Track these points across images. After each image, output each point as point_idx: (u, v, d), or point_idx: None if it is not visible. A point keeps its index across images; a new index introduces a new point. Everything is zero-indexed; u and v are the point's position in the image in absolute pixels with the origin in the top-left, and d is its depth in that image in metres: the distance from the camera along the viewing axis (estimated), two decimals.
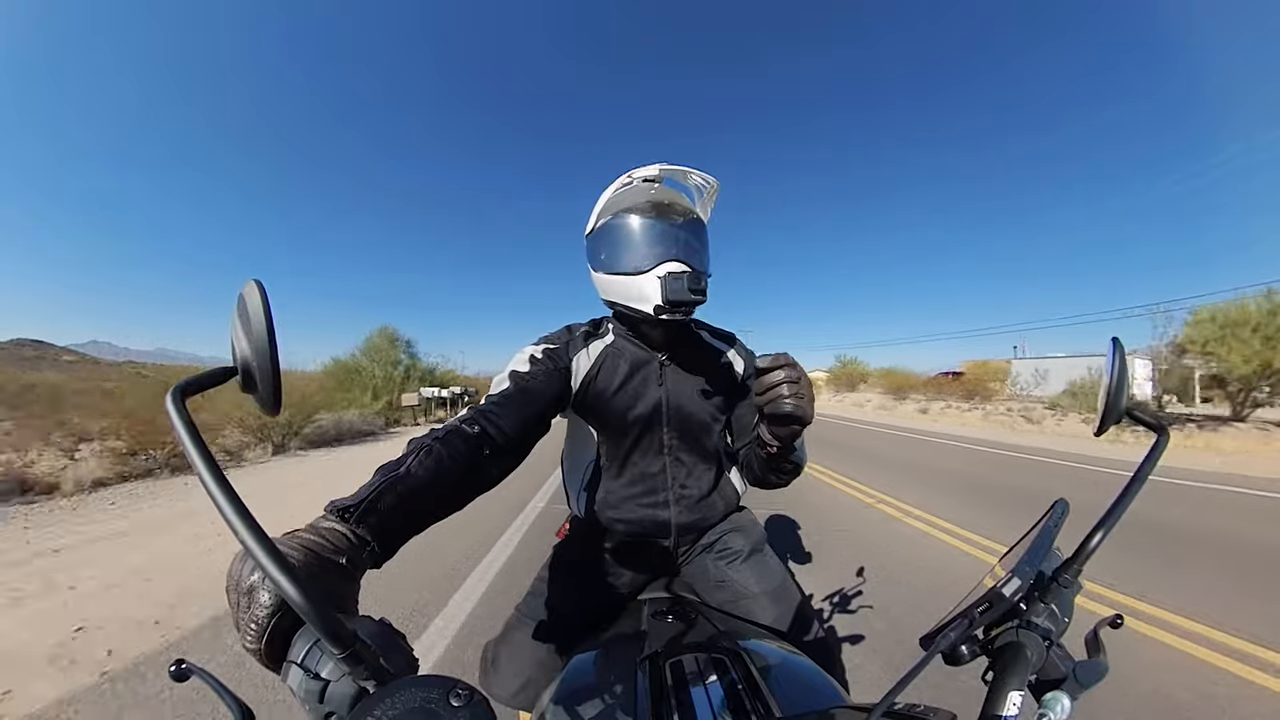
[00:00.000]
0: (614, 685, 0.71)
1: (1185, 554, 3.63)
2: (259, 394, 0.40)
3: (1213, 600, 2.84)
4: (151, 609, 2.92)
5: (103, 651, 2.45)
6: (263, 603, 0.41)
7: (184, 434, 0.35)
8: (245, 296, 0.40)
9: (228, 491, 0.34)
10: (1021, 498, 5.46)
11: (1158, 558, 3.54)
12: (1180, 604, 2.79)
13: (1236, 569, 3.33)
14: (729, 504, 1.17)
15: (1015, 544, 0.62)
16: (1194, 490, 5.83)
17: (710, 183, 1.06)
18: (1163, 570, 3.32)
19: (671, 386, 1.07)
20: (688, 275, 0.91)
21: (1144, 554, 3.59)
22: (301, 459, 9.34)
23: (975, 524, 4.40)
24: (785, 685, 0.68)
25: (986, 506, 5.13)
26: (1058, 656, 0.51)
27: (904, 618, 2.62)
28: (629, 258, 0.97)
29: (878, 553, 3.74)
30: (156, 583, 3.30)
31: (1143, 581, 3.08)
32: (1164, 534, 4.06)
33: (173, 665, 0.46)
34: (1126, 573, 3.18)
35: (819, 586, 2.73)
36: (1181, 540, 3.93)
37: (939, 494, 5.73)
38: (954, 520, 4.52)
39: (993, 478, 6.76)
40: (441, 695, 0.33)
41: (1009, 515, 4.68)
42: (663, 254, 0.95)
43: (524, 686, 0.88)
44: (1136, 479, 0.57)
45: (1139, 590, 2.96)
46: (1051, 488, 5.93)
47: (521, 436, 0.87)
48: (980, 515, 4.70)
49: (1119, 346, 0.64)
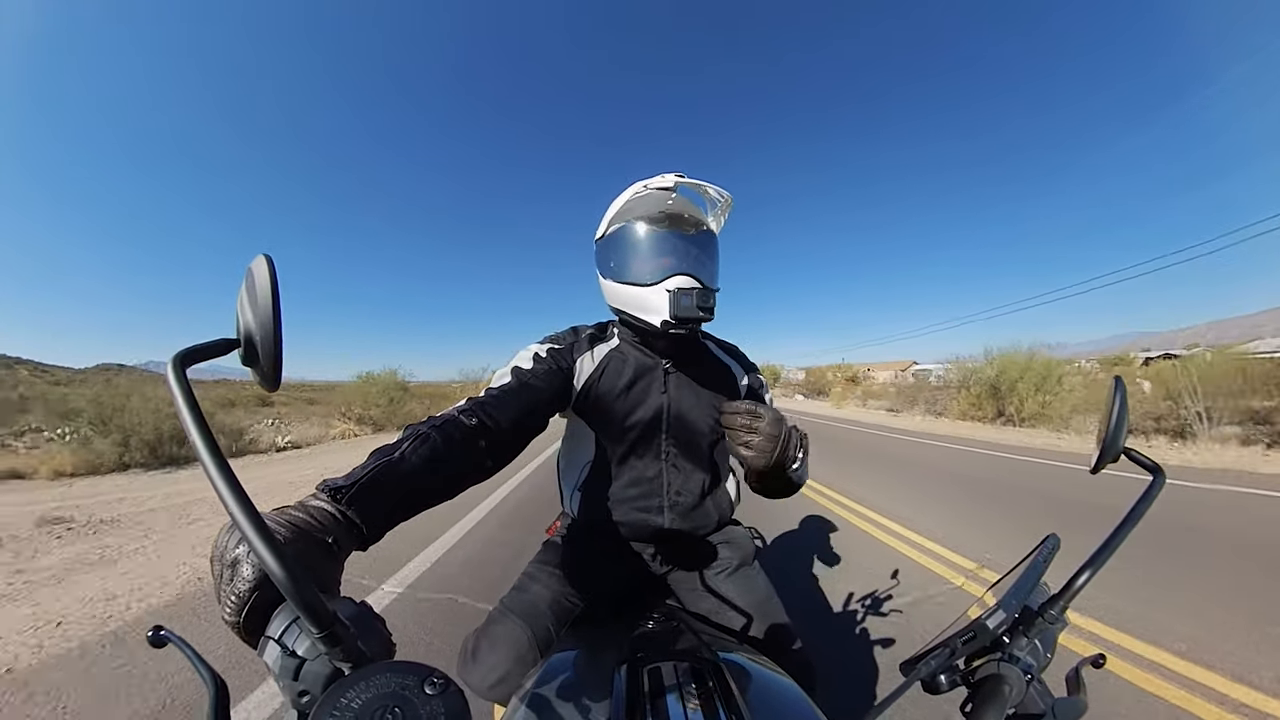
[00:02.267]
0: (591, 687, 0.70)
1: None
2: (259, 367, 0.40)
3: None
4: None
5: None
6: (245, 576, 0.41)
7: (182, 402, 0.35)
8: (254, 270, 0.40)
9: (220, 462, 0.34)
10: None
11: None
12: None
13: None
14: (722, 513, 1.18)
15: (1004, 575, 0.62)
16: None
17: (725, 197, 1.06)
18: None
19: (674, 394, 1.08)
20: (697, 292, 0.92)
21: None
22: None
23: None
24: (762, 701, 0.67)
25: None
26: (1038, 692, 0.51)
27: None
28: (638, 268, 0.97)
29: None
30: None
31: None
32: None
33: (150, 631, 0.46)
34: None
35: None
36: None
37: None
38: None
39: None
40: (416, 682, 0.33)
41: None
42: (673, 267, 0.94)
43: (501, 680, 0.87)
44: (1129, 519, 0.57)
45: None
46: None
47: (518, 431, 0.87)
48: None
49: (1121, 387, 0.64)
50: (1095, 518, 4.08)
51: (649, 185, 1.04)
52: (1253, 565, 3.10)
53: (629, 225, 0.99)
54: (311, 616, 0.34)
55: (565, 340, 1.08)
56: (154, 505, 5.19)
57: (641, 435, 1.08)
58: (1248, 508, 4.52)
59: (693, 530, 1.13)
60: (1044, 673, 0.53)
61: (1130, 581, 2.85)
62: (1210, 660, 2.08)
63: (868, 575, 3.07)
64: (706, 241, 1.00)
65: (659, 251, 0.96)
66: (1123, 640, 2.26)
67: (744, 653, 0.84)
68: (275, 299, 0.39)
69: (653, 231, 0.97)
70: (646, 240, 0.97)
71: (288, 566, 0.33)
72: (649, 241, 0.97)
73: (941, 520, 4.25)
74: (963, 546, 3.55)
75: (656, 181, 1.03)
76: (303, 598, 0.33)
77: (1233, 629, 2.33)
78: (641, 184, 1.05)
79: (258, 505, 0.35)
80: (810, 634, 1.07)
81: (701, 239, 0.99)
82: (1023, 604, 0.52)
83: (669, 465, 1.10)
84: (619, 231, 1.01)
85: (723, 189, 1.06)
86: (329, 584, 0.49)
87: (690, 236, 0.98)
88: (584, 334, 1.11)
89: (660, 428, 1.08)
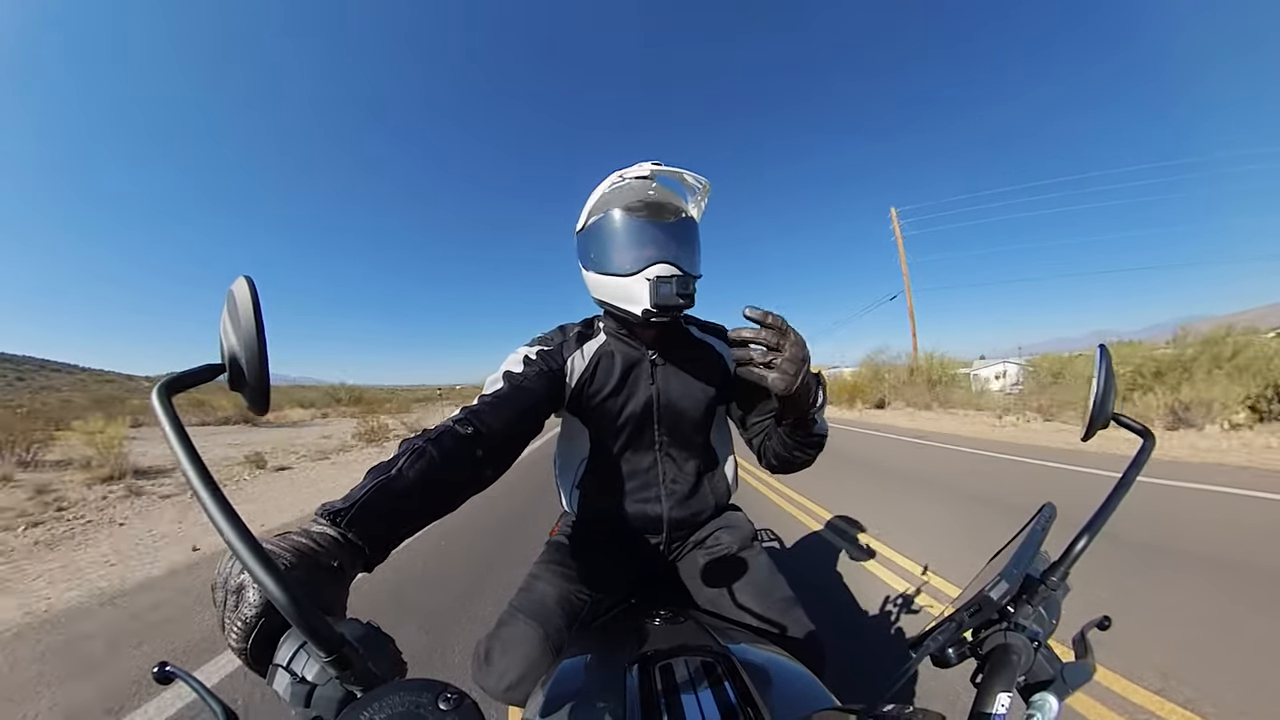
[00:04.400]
0: (604, 687, 0.71)
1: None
2: (247, 391, 0.39)
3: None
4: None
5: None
6: (251, 602, 0.41)
7: (170, 431, 0.34)
8: (235, 292, 0.39)
9: (213, 490, 0.33)
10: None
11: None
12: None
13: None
14: (720, 499, 1.19)
15: (1003, 547, 0.62)
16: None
17: (702, 183, 1.06)
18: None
19: (662, 384, 1.08)
20: (676, 279, 0.92)
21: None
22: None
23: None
24: (775, 689, 0.68)
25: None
26: (1045, 658, 0.51)
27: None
28: (619, 258, 0.97)
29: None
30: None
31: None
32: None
33: (155, 667, 0.45)
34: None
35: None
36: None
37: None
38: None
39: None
40: (430, 699, 0.33)
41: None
42: (652, 256, 0.94)
43: (516, 683, 0.87)
44: (1123, 484, 0.58)
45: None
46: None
47: (514, 436, 0.87)
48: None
49: (1106, 354, 0.65)
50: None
51: (625, 175, 1.03)
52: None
53: (608, 216, 0.99)
54: (318, 640, 0.33)
55: (554, 340, 1.08)
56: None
57: (635, 428, 1.08)
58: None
59: (693, 517, 1.13)
60: (1050, 638, 0.54)
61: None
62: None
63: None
64: (686, 229, 1.00)
65: (638, 241, 0.96)
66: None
67: (752, 642, 0.84)
68: (259, 320, 0.39)
69: (631, 221, 0.97)
70: (625, 230, 0.97)
71: (291, 591, 0.33)
72: (628, 231, 0.97)
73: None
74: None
75: (633, 171, 1.03)
76: (308, 622, 0.33)
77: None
78: (618, 174, 1.04)
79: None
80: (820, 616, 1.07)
81: (681, 227, 0.99)
82: (1024, 573, 0.53)
83: (663, 455, 1.11)
84: (598, 222, 1.01)
85: (700, 175, 1.05)
86: (335, 607, 0.48)
87: (669, 225, 0.98)
88: (571, 332, 1.11)
89: (652, 418, 1.08)
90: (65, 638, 2.66)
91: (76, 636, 2.67)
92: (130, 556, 4.12)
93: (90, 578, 3.62)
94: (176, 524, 5.14)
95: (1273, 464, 5.52)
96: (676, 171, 1.03)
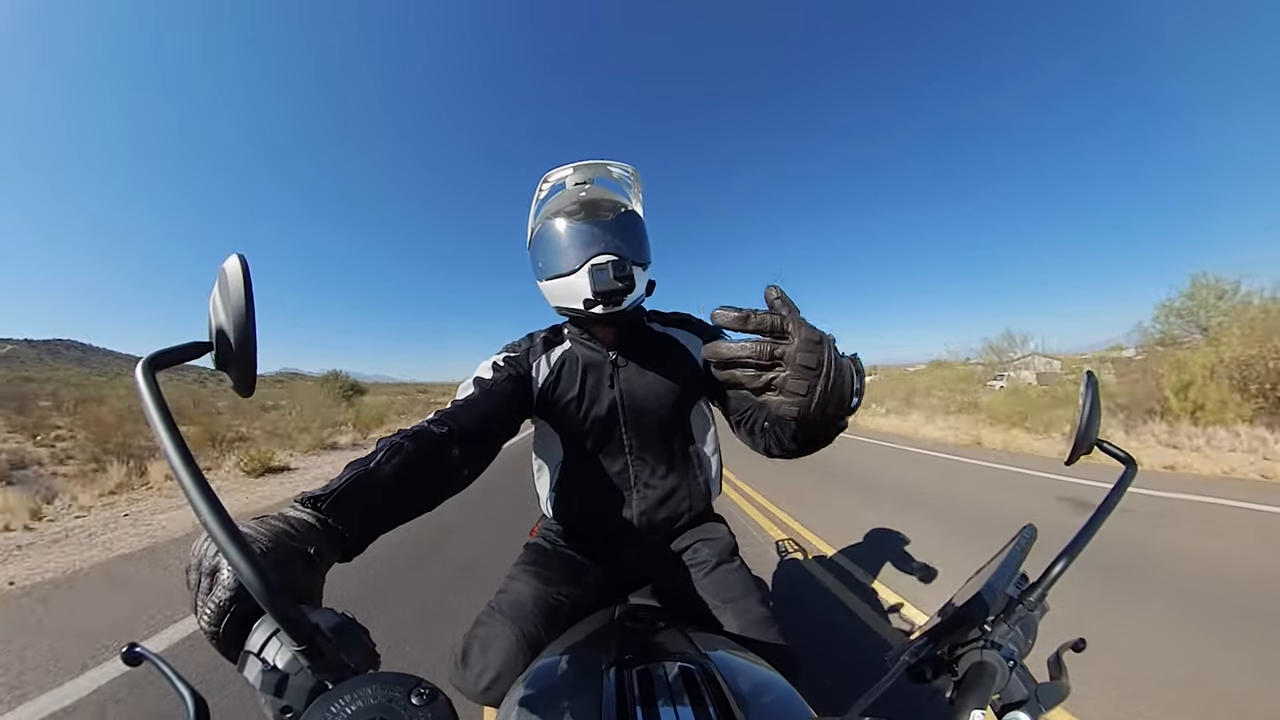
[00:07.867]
0: (580, 690, 0.70)
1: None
2: (233, 371, 0.39)
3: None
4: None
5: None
6: (224, 584, 0.40)
7: (152, 407, 0.34)
8: (226, 270, 0.39)
9: (192, 469, 0.33)
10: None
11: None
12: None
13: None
14: (697, 502, 1.16)
15: (983, 566, 0.63)
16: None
17: (629, 170, 1.08)
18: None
19: (625, 385, 1.07)
20: (613, 264, 0.92)
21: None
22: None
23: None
24: (752, 697, 0.67)
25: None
26: (1021, 678, 0.52)
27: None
28: (563, 260, 0.98)
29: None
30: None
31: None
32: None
33: (124, 648, 0.44)
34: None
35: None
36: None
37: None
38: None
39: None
40: (403, 693, 0.32)
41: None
42: (593, 250, 0.96)
43: (492, 683, 0.87)
44: (1104, 508, 0.59)
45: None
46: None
47: (488, 437, 0.89)
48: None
49: (1093, 380, 0.66)
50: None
51: (549, 179, 1.06)
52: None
53: (549, 223, 1.01)
54: (291, 629, 0.33)
55: (521, 347, 1.10)
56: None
57: (601, 431, 1.08)
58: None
59: (667, 520, 1.12)
60: (1026, 659, 0.54)
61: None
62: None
63: None
64: (626, 222, 1.01)
65: (578, 241, 0.98)
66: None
67: (731, 649, 0.84)
68: (249, 300, 0.38)
69: (570, 224, 0.99)
70: (566, 234, 0.99)
71: (265, 576, 0.32)
72: (569, 235, 0.99)
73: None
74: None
75: (555, 174, 1.06)
76: (282, 609, 0.32)
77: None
78: (544, 180, 1.07)
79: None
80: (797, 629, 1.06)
81: (621, 221, 1.00)
82: (1004, 592, 0.53)
83: (633, 457, 1.10)
84: (540, 232, 1.03)
85: (625, 164, 1.07)
86: (311, 595, 0.48)
87: (609, 221, 0.99)
88: (538, 338, 1.12)
89: (618, 421, 1.08)
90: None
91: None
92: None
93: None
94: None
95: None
96: (599, 164, 1.06)
